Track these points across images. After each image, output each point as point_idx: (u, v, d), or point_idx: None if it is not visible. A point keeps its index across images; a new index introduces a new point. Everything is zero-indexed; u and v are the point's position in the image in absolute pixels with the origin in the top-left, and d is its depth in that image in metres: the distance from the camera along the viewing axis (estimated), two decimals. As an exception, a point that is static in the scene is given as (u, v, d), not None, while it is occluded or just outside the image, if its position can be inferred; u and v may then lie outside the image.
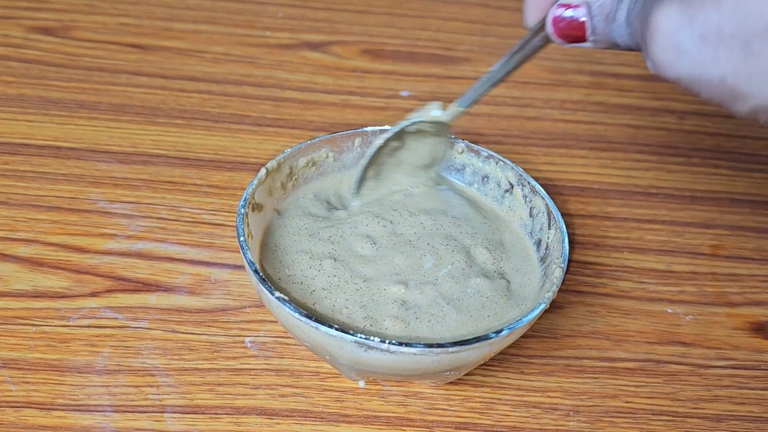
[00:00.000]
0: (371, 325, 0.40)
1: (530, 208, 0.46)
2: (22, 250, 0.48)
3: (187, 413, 0.41)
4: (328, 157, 0.47)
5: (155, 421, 0.41)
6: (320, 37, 0.68)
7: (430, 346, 0.36)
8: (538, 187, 0.45)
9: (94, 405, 0.41)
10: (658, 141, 0.61)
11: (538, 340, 0.47)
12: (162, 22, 0.68)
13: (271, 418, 0.41)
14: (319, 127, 0.59)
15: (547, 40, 0.37)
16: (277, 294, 0.37)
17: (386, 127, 0.47)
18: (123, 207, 0.51)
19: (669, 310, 0.49)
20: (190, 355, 0.44)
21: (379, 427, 0.42)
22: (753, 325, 0.49)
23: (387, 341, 0.36)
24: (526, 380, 0.45)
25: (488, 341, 0.37)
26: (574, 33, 0.34)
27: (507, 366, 0.45)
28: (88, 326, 0.44)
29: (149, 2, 0.69)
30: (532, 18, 0.37)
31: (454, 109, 0.44)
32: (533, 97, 0.65)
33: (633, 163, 0.60)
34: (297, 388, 0.43)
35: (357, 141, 0.48)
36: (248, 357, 0.44)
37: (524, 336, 0.46)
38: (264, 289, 0.38)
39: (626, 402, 0.44)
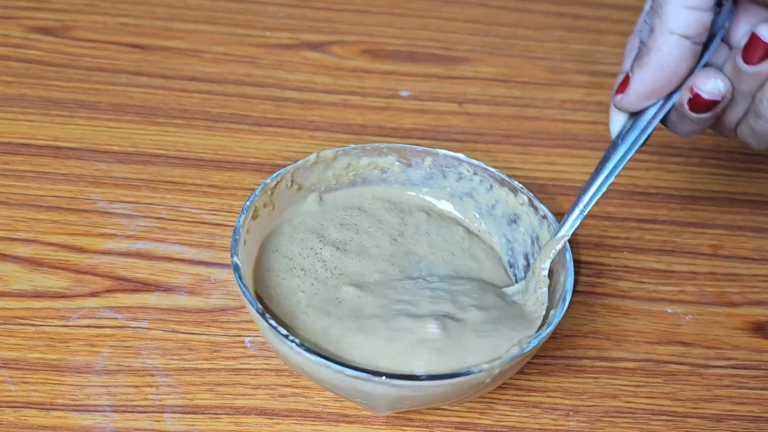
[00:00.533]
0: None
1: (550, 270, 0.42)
2: (22, 250, 0.48)
3: (187, 413, 0.41)
4: (393, 165, 0.47)
5: (155, 421, 0.41)
6: (320, 37, 0.68)
7: (344, 366, 0.34)
8: (567, 250, 0.41)
9: (94, 405, 0.41)
10: (658, 141, 0.61)
11: (538, 340, 0.47)
12: (162, 22, 0.68)
13: (271, 418, 0.41)
14: (320, 127, 0.59)
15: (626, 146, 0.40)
16: (235, 259, 0.38)
17: (459, 155, 0.46)
18: (123, 207, 0.51)
19: (669, 310, 0.49)
20: (190, 355, 0.44)
21: (379, 426, 0.42)
22: (753, 325, 0.49)
23: (303, 346, 0.35)
24: (525, 380, 0.45)
25: (416, 383, 0.34)
26: (623, 85, 0.37)
27: (507, 366, 0.45)
28: (88, 326, 0.44)
29: (149, 2, 0.69)
30: (616, 127, 0.40)
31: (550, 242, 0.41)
32: (533, 97, 0.65)
33: (633, 163, 0.59)
34: (297, 388, 0.43)
35: (427, 160, 0.47)
36: (248, 357, 0.44)
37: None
38: (232, 251, 0.38)
39: (626, 402, 0.44)
